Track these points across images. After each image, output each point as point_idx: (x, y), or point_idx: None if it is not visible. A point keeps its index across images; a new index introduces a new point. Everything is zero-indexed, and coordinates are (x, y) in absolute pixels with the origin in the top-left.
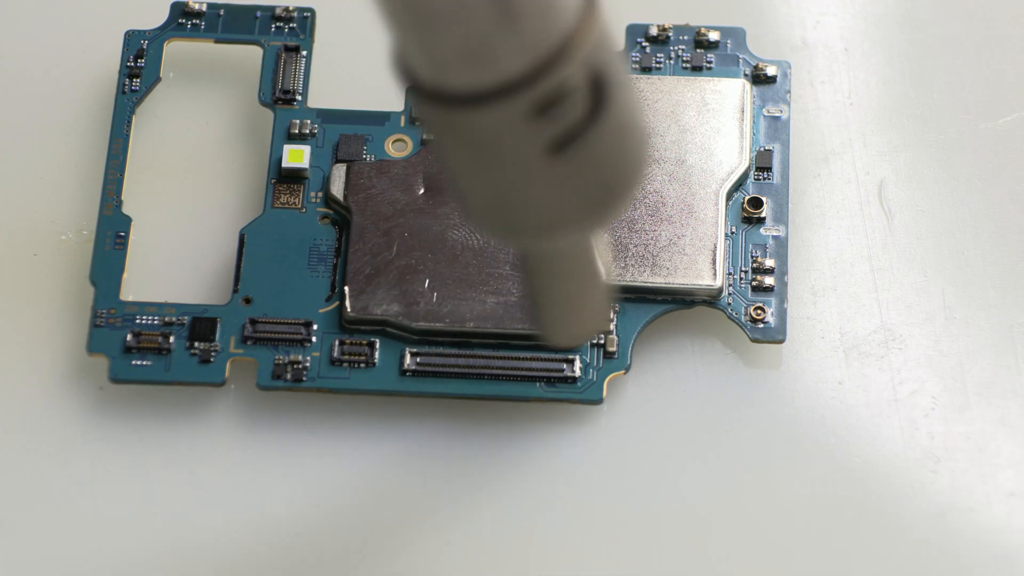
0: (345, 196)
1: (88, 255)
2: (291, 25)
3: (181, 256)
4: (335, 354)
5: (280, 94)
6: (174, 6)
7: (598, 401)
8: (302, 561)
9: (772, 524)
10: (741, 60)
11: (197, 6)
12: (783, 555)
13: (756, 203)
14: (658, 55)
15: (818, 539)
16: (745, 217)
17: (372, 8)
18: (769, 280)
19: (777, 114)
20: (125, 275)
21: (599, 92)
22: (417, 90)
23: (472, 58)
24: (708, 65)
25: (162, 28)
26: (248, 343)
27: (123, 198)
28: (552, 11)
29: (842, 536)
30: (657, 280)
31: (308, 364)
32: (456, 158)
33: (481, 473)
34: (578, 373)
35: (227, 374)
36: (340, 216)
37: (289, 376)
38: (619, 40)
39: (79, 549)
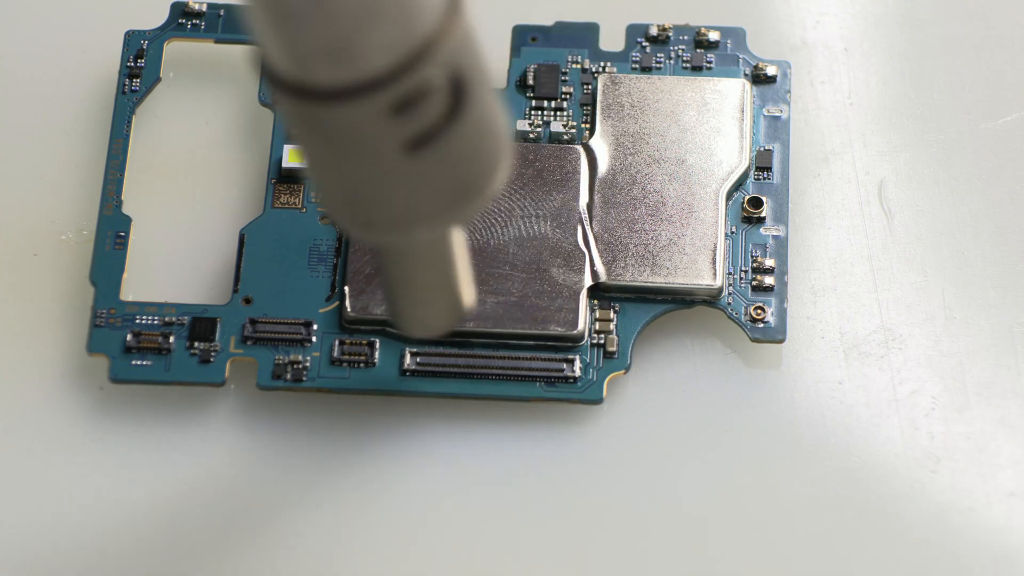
0: None
1: (88, 255)
2: None
3: (181, 256)
4: (335, 354)
5: None
6: (174, 6)
7: (598, 401)
8: (302, 560)
9: (772, 524)
10: (741, 60)
11: (197, 6)
12: (783, 555)
13: (756, 203)
14: (658, 55)
15: (818, 539)
16: (745, 217)
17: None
18: (769, 280)
19: (777, 114)
20: (125, 275)
21: (458, 93)
22: (277, 84)
23: (334, 55)
24: (708, 65)
25: (162, 28)
26: (248, 343)
27: (123, 198)
28: (415, 12)
29: (842, 536)
30: (657, 280)
31: (308, 364)
32: (315, 152)
33: (481, 473)
34: (578, 373)
35: (227, 374)
36: None
37: (289, 376)
38: (619, 40)
39: (79, 549)
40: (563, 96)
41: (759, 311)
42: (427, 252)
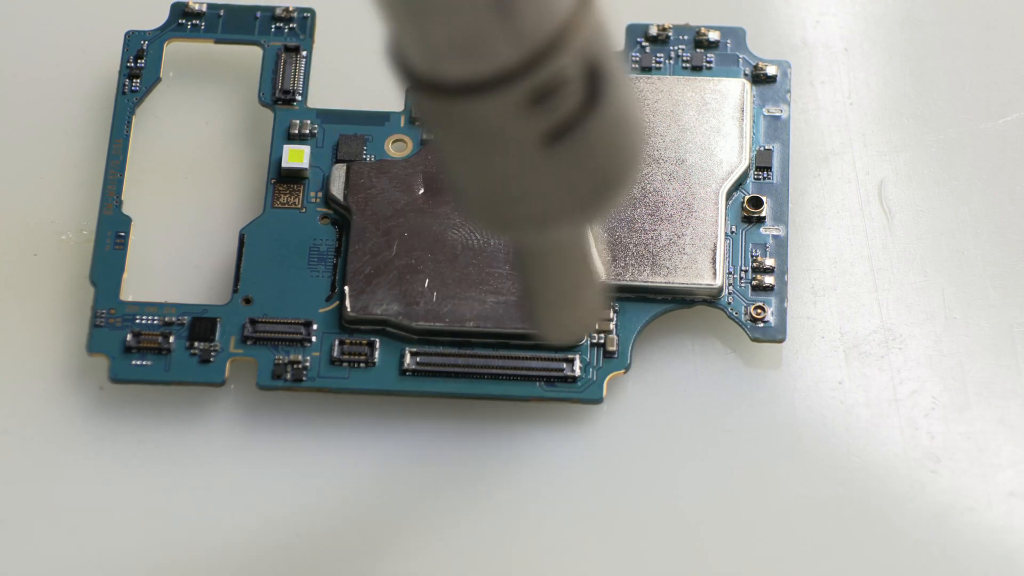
0: (345, 196)
1: (88, 255)
2: (291, 25)
3: (181, 256)
4: (335, 354)
5: (280, 94)
6: (174, 6)
7: (598, 401)
8: (302, 561)
9: (772, 524)
10: (741, 60)
11: (197, 6)
12: (783, 555)
13: (756, 202)
14: (658, 55)
15: (818, 539)
16: (745, 216)
17: (369, 3)
18: (769, 279)
19: (777, 114)
20: (125, 275)
21: (594, 83)
22: (412, 80)
23: (467, 48)
24: (708, 65)
25: (162, 28)
26: (248, 343)
27: (123, 198)
28: (547, 2)
29: (842, 536)
30: (657, 279)
31: (308, 364)
32: (451, 149)
33: (481, 473)
34: (578, 373)
35: (227, 374)
36: (340, 216)
37: (289, 376)
38: (619, 40)
39: (79, 549)
40: None
41: (759, 311)
42: (565, 252)
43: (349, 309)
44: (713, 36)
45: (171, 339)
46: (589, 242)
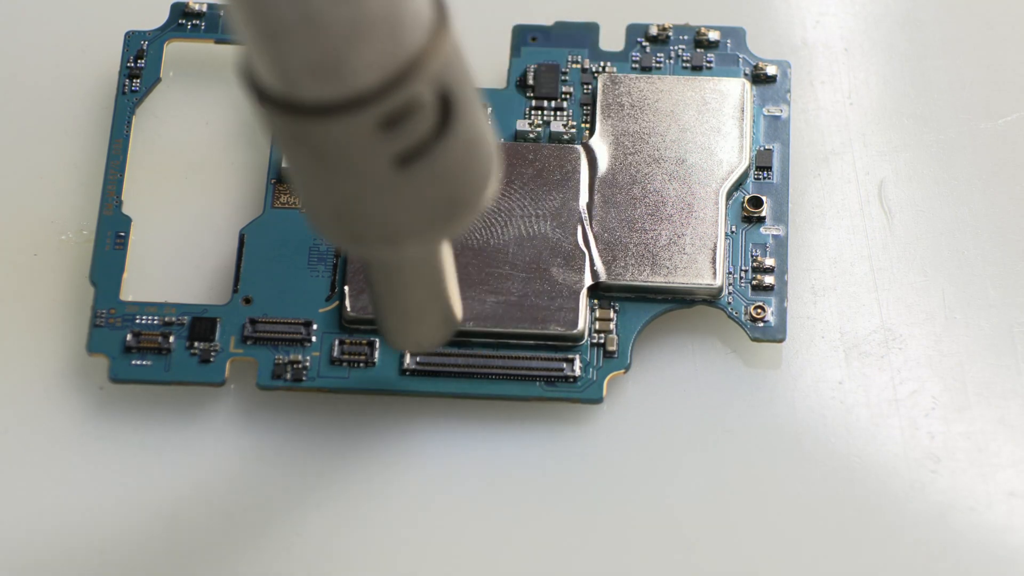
0: None
1: (88, 255)
2: None
3: (181, 256)
4: (335, 354)
5: None
6: (174, 7)
7: (598, 400)
8: (302, 560)
9: (772, 523)
10: (741, 60)
11: (197, 7)
12: (783, 554)
13: (756, 202)
14: (658, 55)
15: (818, 539)
16: (745, 216)
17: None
18: (769, 279)
19: (777, 114)
20: (125, 275)
21: (446, 109)
22: (264, 99)
23: (322, 71)
24: (708, 65)
25: (162, 29)
26: (248, 343)
27: (123, 198)
28: (402, 29)
29: (842, 536)
30: (657, 279)
31: (308, 364)
32: (302, 166)
33: (481, 473)
34: (578, 372)
35: (227, 374)
36: None
37: (289, 376)
38: (619, 40)
39: (79, 548)
40: (563, 96)
41: (759, 310)
42: (417, 266)
43: (349, 309)
44: (713, 36)
45: (171, 339)
46: (442, 260)
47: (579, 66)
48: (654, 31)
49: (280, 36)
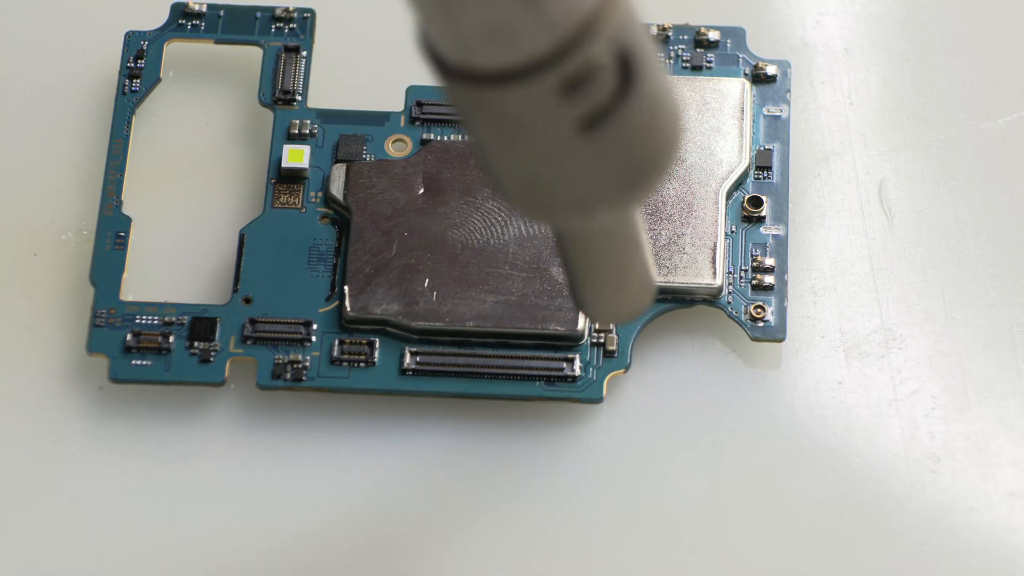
0: (345, 196)
1: (88, 255)
2: (291, 25)
3: (181, 256)
4: (335, 354)
5: (280, 94)
6: (174, 7)
7: (598, 400)
8: (302, 561)
9: (772, 523)
10: (741, 60)
11: (197, 7)
12: (783, 554)
13: (756, 202)
14: (658, 55)
15: (818, 539)
16: (745, 216)
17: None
18: (769, 279)
19: (777, 113)
20: (125, 275)
21: (627, 69)
22: (443, 70)
23: (497, 37)
24: (708, 65)
25: (162, 29)
26: (248, 343)
27: (123, 198)
28: None
29: (842, 536)
30: (657, 279)
31: (308, 364)
32: (486, 137)
33: (481, 472)
34: (578, 372)
35: (227, 374)
36: (340, 216)
37: (289, 376)
38: None
39: (79, 549)
40: None
41: (759, 310)
42: (610, 234)
43: (349, 309)
44: (713, 36)
45: (171, 339)
46: (635, 226)
47: None
48: (654, 31)
49: (451, 5)
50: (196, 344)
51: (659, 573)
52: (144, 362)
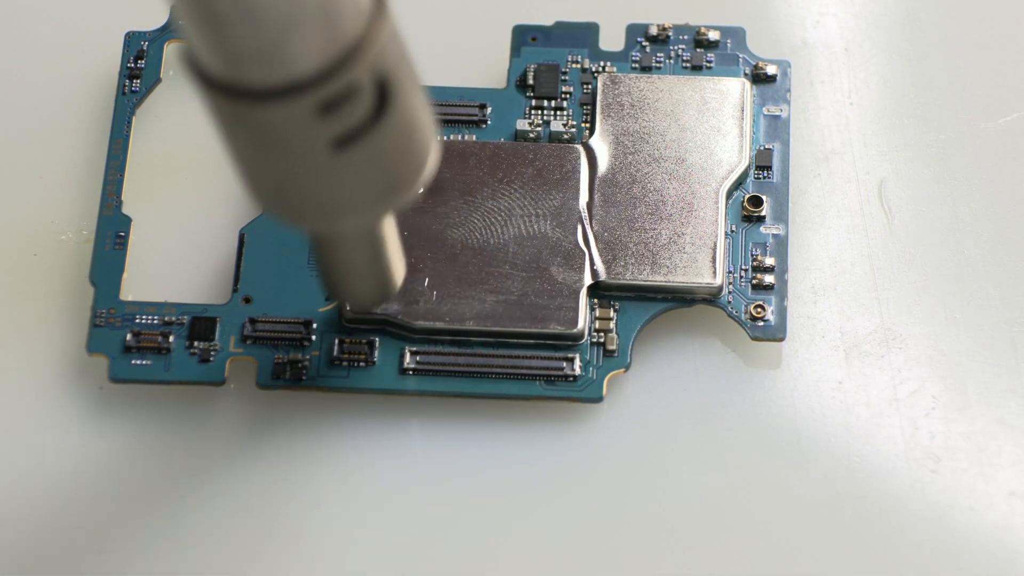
0: None
1: (88, 255)
2: None
3: (181, 256)
4: (335, 353)
5: None
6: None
7: (598, 399)
8: (302, 561)
9: (772, 523)
10: (741, 59)
11: None
12: (783, 554)
13: (756, 201)
14: (658, 55)
15: (818, 538)
16: (745, 216)
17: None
18: (769, 278)
19: (777, 113)
20: (125, 275)
21: (384, 94)
22: (206, 83)
23: (262, 57)
24: (708, 65)
25: (162, 29)
26: (248, 342)
27: (123, 198)
28: (341, 16)
29: (842, 536)
30: (657, 278)
31: (308, 363)
32: (243, 147)
33: (481, 472)
34: (578, 371)
35: (227, 373)
36: None
37: (289, 375)
38: (619, 40)
39: (78, 548)
40: (563, 96)
41: (759, 309)
42: (356, 238)
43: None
44: (713, 36)
45: (171, 339)
46: (381, 234)
47: (579, 66)
48: (654, 31)
49: (220, 25)
50: (196, 344)
51: (659, 572)
52: (144, 362)
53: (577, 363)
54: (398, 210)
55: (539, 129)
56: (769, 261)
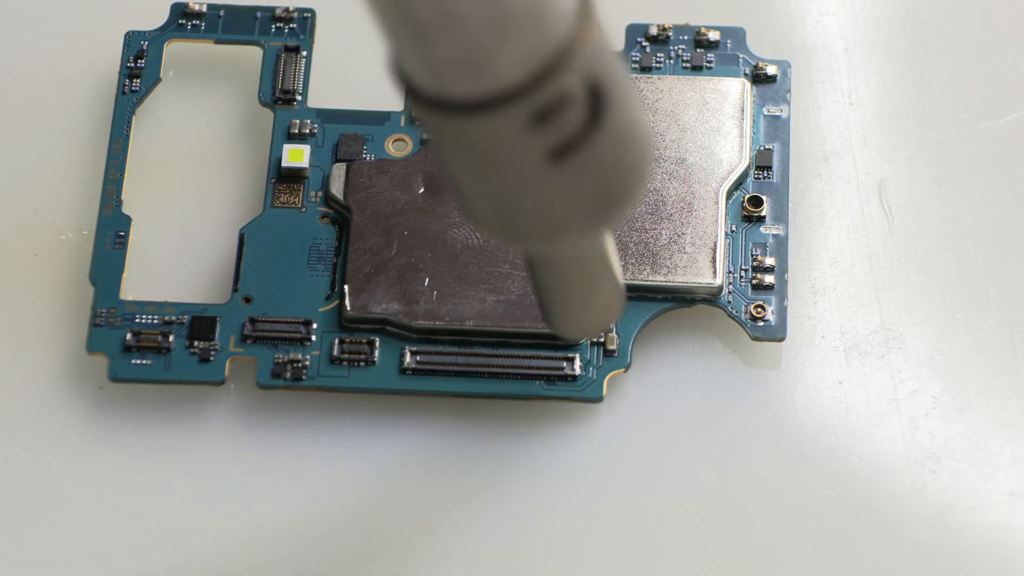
0: (345, 195)
1: (88, 255)
2: (291, 25)
3: (181, 256)
4: (335, 353)
5: (280, 94)
6: (174, 7)
7: (598, 399)
8: (302, 561)
9: (772, 523)
10: (741, 60)
11: (197, 7)
12: (783, 554)
13: (756, 201)
14: (658, 55)
15: (818, 539)
16: (745, 216)
17: (371, 19)
18: (769, 278)
19: (777, 113)
20: (125, 275)
21: (598, 101)
22: (415, 96)
23: (469, 67)
24: (708, 65)
25: (162, 29)
26: (248, 342)
27: (123, 198)
28: (548, 20)
29: (842, 536)
30: (657, 278)
31: (308, 363)
32: (457, 163)
33: (481, 471)
34: (578, 371)
35: (227, 373)
36: (340, 215)
37: (289, 375)
38: (619, 40)
39: (78, 548)
40: None
41: (759, 309)
42: (577, 258)
43: (349, 308)
44: (713, 36)
45: (171, 338)
46: (603, 248)
47: None
48: (654, 31)
49: (423, 34)
50: (196, 343)
51: (658, 572)
52: (144, 361)
53: (577, 363)
54: (616, 225)
55: None
56: (769, 261)
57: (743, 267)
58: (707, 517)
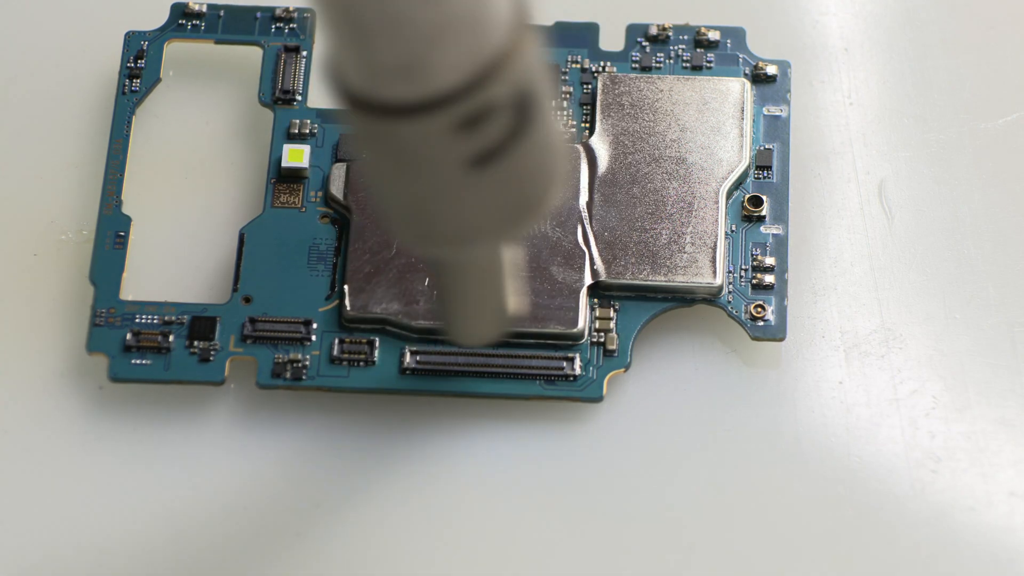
0: (345, 195)
1: (88, 255)
2: (291, 25)
3: (181, 256)
4: (335, 353)
5: (280, 94)
6: (174, 7)
7: (598, 399)
8: (302, 560)
9: (772, 523)
10: (741, 59)
11: (197, 7)
12: (783, 554)
13: (756, 201)
14: (658, 55)
15: (818, 539)
16: (745, 215)
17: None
18: (769, 278)
19: (777, 113)
20: (125, 275)
21: (523, 111)
22: (347, 97)
23: (406, 71)
24: (708, 65)
25: (162, 29)
26: (248, 342)
27: (123, 198)
28: (485, 30)
29: (842, 536)
30: (657, 278)
31: (308, 363)
32: (377, 164)
33: (481, 471)
34: (578, 371)
35: (227, 373)
36: (340, 215)
37: (289, 375)
38: (619, 40)
39: (78, 548)
40: (563, 95)
41: (759, 309)
42: (480, 265)
43: (349, 308)
44: (713, 36)
45: (171, 338)
46: (502, 259)
47: (579, 66)
48: (654, 31)
49: (366, 37)
50: (196, 343)
51: (658, 572)
52: (144, 361)
53: (577, 363)
54: (523, 235)
55: None
56: (769, 261)
57: (743, 267)
58: (707, 517)
